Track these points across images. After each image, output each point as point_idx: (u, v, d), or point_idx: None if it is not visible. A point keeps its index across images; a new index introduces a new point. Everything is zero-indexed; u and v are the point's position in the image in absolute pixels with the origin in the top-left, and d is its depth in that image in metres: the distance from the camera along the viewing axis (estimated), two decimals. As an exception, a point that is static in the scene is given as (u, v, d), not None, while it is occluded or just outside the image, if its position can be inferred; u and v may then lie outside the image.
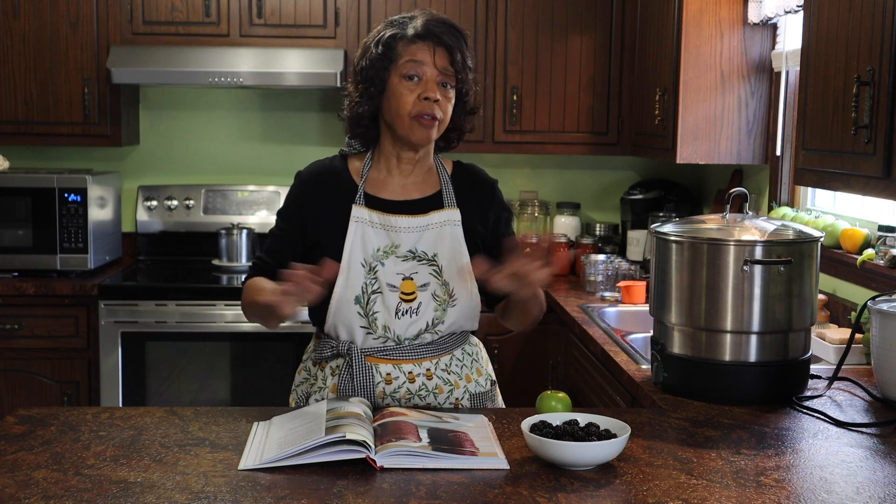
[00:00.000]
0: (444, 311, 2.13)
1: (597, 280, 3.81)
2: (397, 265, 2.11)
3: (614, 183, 4.56)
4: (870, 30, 2.11)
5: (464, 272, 2.11)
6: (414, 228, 2.13)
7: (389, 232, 2.12)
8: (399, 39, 2.09)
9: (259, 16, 4.03)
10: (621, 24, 4.10)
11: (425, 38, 2.08)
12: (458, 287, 2.14)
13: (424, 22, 2.10)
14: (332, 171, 2.20)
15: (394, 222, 2.12)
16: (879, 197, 2.14)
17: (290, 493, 1.61)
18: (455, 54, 2.08)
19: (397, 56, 2.08)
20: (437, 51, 2.08)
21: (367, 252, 2.11)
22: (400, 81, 2.08)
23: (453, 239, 2.14)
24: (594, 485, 1.67)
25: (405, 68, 2.07)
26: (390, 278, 2.11)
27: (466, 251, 2.15)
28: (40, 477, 1.67)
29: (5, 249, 3.86)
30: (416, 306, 2.11)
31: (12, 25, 3.96)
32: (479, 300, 2.19)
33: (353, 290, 2.10)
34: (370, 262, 2.11)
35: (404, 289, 2.11)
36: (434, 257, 2.13)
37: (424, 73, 2.07)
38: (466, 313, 2.17)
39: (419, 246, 2.13)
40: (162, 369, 3.80)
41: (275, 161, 4.45)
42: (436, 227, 2.14)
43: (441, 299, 2.13)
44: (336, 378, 2.14)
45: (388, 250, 2.11)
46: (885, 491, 1.67)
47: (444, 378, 2.15)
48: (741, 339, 2.19)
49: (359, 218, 2.12)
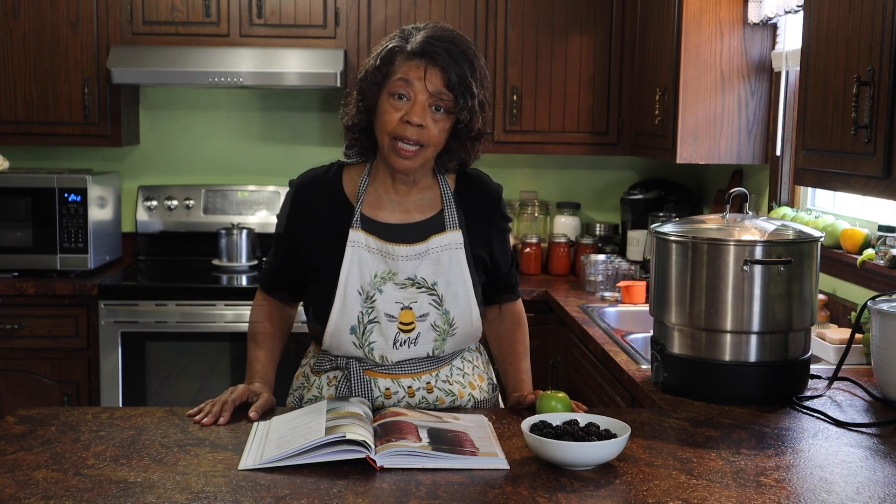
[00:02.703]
0: (443, 342, 2.06)
1: (597, 280, 3.82)
2: (395, 293, 2.02)
3: (614, 183, 4.56)
4: (870, 30, 2.11)
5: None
6: (413, 256, 2.03)
7: (387, 259, 2.03)
8: (397, 54, 1.96)
9: (259, 16, 4.03)
10: (621, 24, 4.10)
11: (420, 56, 1.94)
12: (458, 315, 2.06)
13: (425, 38, 1.96)
14: (326, 185, 2.09)
15: (391, 250, 2.03)
16: (879, 197, 2.14)
17: (290, 493, 1.61)
18: (451, 76, 1.94)
19: (391, 72, 1.96)
20: (430, 71, 1.93)
21: (363, 279, 2.02)
22: (387, 99, 1.96)
23: (454, 263, 2.05)
24: (594, 485, 1.66)
25: (394, 86, 1.95)
26: (388, 307, 2.02)
27: (468, 275, 2.06)
28: (40, 477, 1.66)
29: (5, 249, 3.86)
30: (415, 337, 2.03)
31: (12, 25, 3.96)
32: (480, 324, 2.11)
33: (348, 319, 2.02)
34: (367, 289, 2.02)
35: (403, 319, 2.02)
36: (434, 286, 2.04)
37: (414, 95, 1.95)
38: (466, 338, 2.11)
39: (418, 273, 2.03)
40: (162, 369, 3.80)
41: (275, 161, 4.45)
42: (436, 252, 2.04)
43: (441, 329, 2.05)
44: (333, 388, 2.10)
45: (386, 276, 2.02)
46: (885, 491, 1.67)
47: (446, 389, 2.10)
48: (741, 339, 2.19)
49: (355, 242, 2.02)
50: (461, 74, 1.95)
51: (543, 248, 4.32)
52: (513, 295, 2.28)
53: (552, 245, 4.29)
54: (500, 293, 2.25)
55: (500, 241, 2.18)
